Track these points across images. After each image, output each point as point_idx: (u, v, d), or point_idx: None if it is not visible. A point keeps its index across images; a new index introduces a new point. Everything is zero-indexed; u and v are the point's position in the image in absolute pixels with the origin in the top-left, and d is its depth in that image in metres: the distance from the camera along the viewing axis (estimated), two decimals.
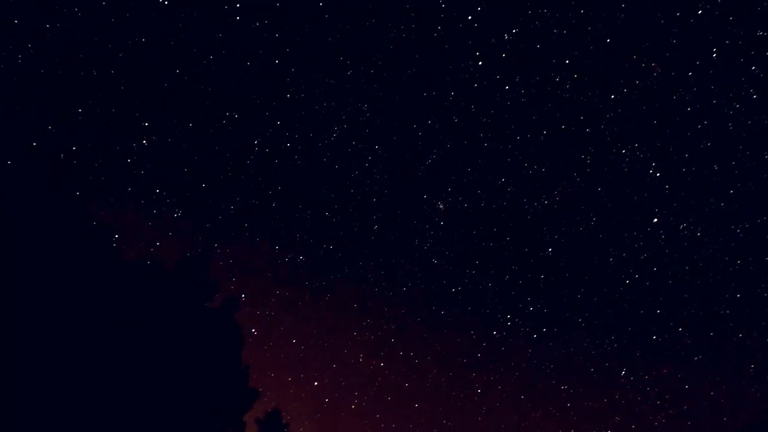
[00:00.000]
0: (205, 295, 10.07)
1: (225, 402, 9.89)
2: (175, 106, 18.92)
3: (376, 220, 23.48)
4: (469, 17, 18.56)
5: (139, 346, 9.18)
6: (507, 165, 22.00)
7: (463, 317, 25.17)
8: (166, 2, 16.78)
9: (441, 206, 23.06)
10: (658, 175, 21.21)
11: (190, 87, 18.73)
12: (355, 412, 25.15)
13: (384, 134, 21.79)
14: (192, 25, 17.70)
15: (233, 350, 10.13)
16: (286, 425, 10.98)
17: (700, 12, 18.03)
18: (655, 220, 22.00)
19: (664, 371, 24.25)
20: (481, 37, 18.93)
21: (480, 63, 19.55)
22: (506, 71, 19.91)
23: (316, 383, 24.71)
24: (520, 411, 25.86)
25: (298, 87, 19.94)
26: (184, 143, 19.98)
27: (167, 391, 9.19)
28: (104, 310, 9.02)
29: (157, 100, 18.52)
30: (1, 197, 8.65)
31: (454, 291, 24.67)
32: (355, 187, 22.75)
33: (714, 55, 18.58)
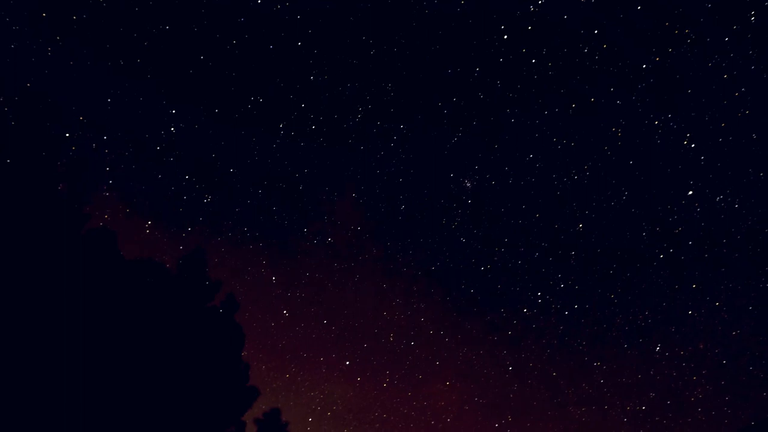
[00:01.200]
0: (205, 295, 10.06)
1: (225, 401, 9.91)
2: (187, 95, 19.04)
3: (403, 200, 23.39)
4: None
5: (139, 345, 9.19)
6: (535, 140, 21.59)
7: (493, 295, 25.03)
8: None
9: (468, 184, 22.82)
10: (692, 146, 20.54)
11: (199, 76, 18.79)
12: (387, 389, 25.40)
13: (409, 112, 21.57)
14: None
15: (233, 349, 10.11)
16: (286, 424, 11.00)
17: None
18: (690, 192, 21.37)
19: (701, 347, 23.78)
20: (507, 9, 18.44)
21: (505, 37, 19.09)
22: (533, 44, 19.41)
23: (347, 362, 24.99)
24: (553, 389, 25.76)
25: (321, 69, 19.83)
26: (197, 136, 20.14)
27: (167, 390, 9.22)
28: (103, 309, 9.04)
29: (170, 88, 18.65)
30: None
31: (483, 269, 24.51)
32: (381, 167, 22.66)
33: (752, 19, 17.75)
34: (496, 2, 18.45)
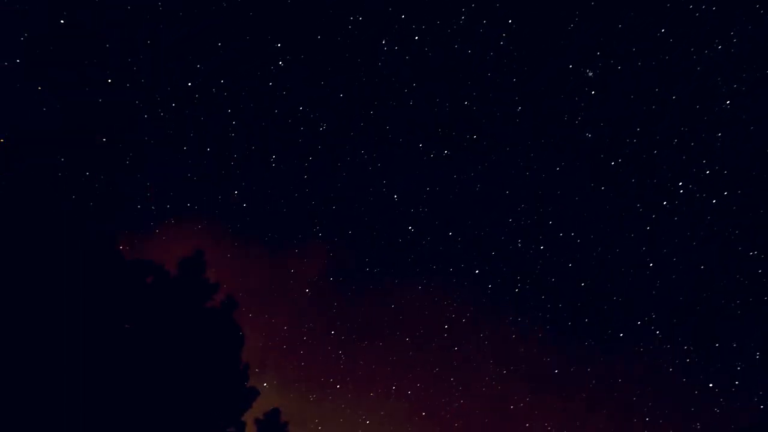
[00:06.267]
0: (204, 295, 9.97)
1: (224, 401, 9.80)
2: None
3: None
4: None
5: (138, 345, 9.10)
6: None
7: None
8: None
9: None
10: None
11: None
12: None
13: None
14: None
15: (232, 349, 10.02)
16: (286, 424, 10.90)
17: None
18: None
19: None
20: None
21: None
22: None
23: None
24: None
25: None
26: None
27: (166, 390, 9.12)
28: (102, 309, 8.96)
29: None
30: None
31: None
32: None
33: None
34: None
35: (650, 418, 24.48)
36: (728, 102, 19.42)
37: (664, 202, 21.88)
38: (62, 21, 15.61)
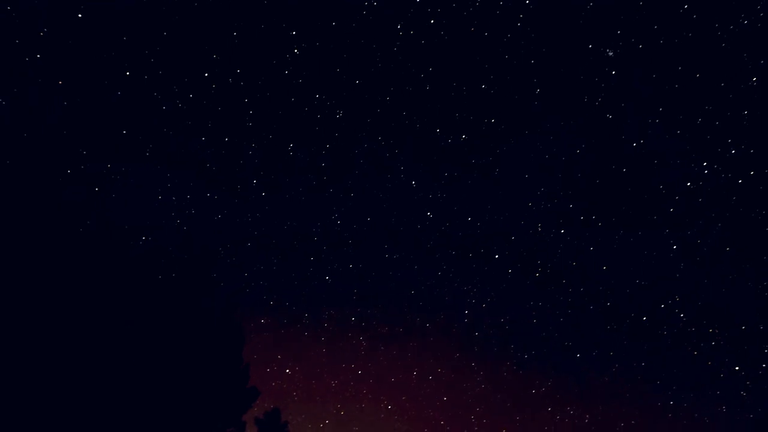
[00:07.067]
0: (205, 294, 10.00)
1: (225, 401, 9.85)
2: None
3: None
4: None
5: (138, 344, 9.14)
6: None
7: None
8: None
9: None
10: None
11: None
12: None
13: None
14: None
15: (233, 349, 10.05)
16: (286, 424, 10.96)
17: None
18: None
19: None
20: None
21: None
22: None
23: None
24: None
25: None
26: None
27: (166, 390, 9.17)
28: (104, 306, 9.01)
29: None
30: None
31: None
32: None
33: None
34: None
35: (674, 401, 24.24)
36: (755, 79, 18.84)
37: (688, 183, 21.42)
38: (80, 15, 15.73)
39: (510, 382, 25.62)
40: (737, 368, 23.16)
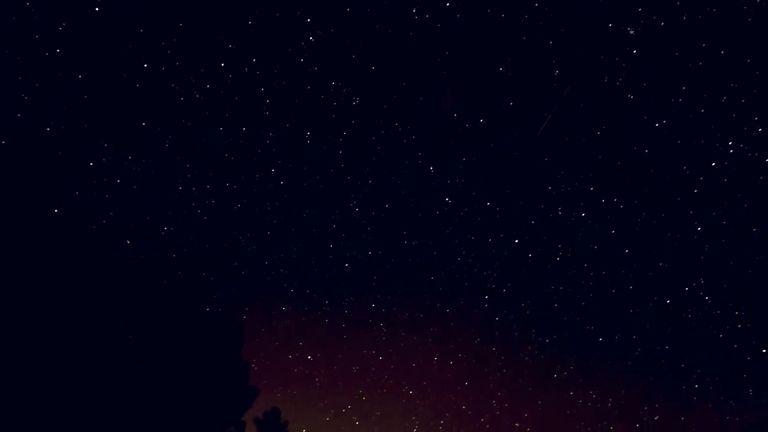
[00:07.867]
0: (205, 292, 10.00)
1: (224, 400, 9.87)
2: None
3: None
4: None
5: (138, 343, 9.18)
6: None
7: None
8: None
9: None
10: None
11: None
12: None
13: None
14: None
15: (233, 347, 10.05)
16: (286, 424, 10.97)
17: None
18: None
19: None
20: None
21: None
22: None
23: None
24: None
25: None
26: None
27: (166, 389, 9.21)
28: (104, 306, 9.04)
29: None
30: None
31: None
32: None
33: None
34: None
35: (699, 385, 23.97)
36: None
37: (713, 163, 20.95)
38: (96, 9, 15.85)
39: (531, 367, 25.58)
40: (764, 351, 22.78)
